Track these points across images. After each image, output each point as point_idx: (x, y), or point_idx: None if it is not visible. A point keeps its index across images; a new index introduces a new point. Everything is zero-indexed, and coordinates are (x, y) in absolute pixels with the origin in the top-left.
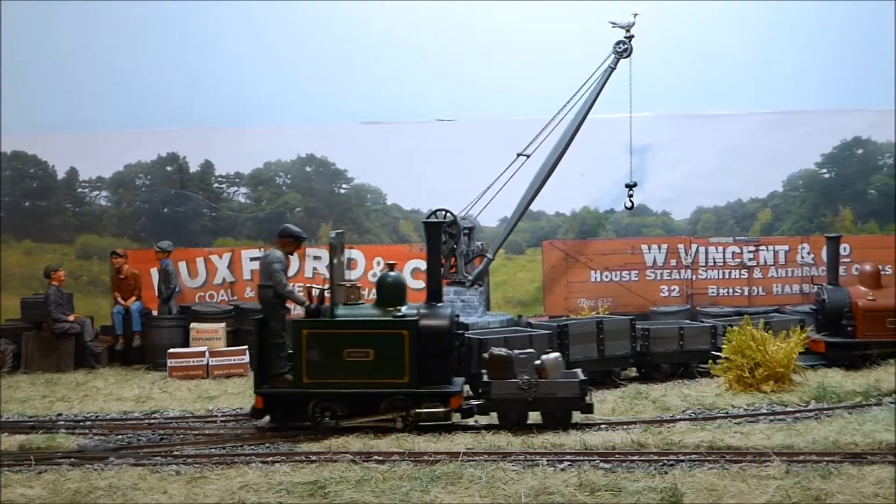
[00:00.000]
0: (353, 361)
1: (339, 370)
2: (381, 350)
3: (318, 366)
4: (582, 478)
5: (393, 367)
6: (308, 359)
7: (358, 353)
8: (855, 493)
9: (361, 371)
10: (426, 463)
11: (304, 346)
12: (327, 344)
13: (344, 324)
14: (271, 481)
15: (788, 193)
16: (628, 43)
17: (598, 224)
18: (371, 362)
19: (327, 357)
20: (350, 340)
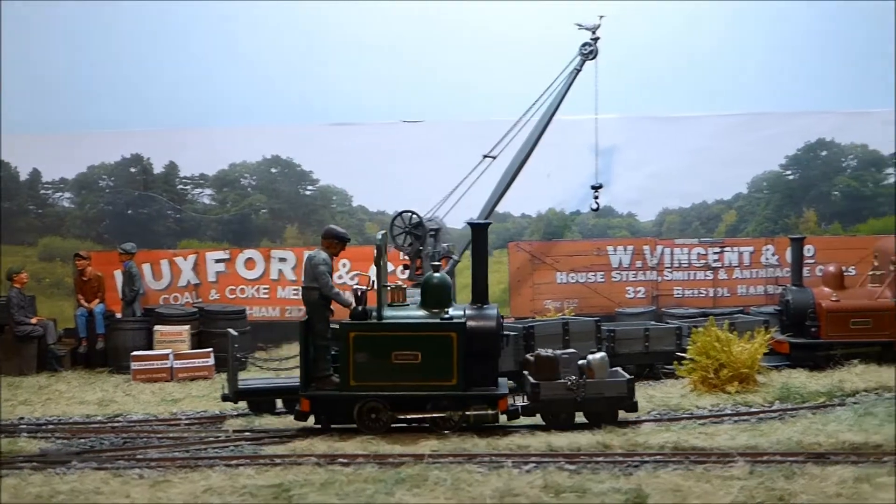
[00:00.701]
0: (400, 364)
1: (386, 373)
2: (429, 352)
3: (366, 368)
4: (547, 479)
5: (441, 369)
6: (355, 361)
7: (406, 356)
8: (818, 493)
9: (409, 373)
10: (391, 465)
11: (352, 348)
12: (375, 346)
13: (392, 326)
14: (235, 484)
15: (753, 195)
16: (594, 45)
17: (564, 225)
18: (419, 365)
19: (375, 359)
20: (398, 343)
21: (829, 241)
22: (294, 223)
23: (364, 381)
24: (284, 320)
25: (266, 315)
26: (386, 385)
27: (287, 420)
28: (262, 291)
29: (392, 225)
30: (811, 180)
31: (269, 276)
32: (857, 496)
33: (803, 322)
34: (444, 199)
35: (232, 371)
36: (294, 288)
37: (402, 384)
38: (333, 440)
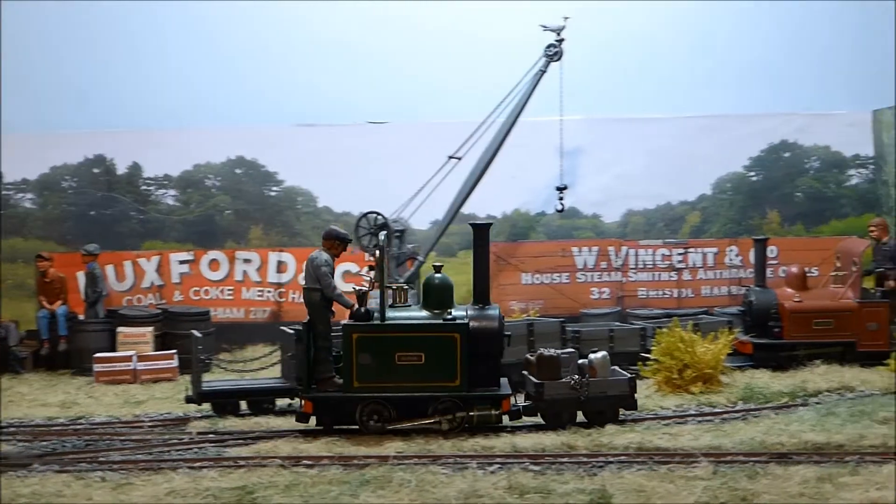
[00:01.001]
0: (404, 365)
1: (389, 374)
2: (432, 353)
3: (369, 369)
4: (511, 480)
5: (444, 370)
6: (358, 363)
7: (409, 357)
8: (781, 492)
9: (412, 375)
10: (356, 467)
11: (355, 349)
12: (378, 348)
13: (395, 327)
14: (198, 487)
15: (717, 196)
16: (559, 46)
17: (530, 227)
18: (422, 366)
19: (378, 361)
20: (401, 344)
21: (792, 242)
22: (259, 224)
23: (367, 382)
24: (249, 322)
25: (230, 316)
26: (389, 386)
27: (251, 422)
28: (226, 293)
29: (357, 226)
30: (774, 182)
31: (233, 278)
32: (819, 496)
33: (766, 323)
34: (409, 200)
35: (196, 373)
36: (258, 289)
37: (405, 385)
38: (298, 442)
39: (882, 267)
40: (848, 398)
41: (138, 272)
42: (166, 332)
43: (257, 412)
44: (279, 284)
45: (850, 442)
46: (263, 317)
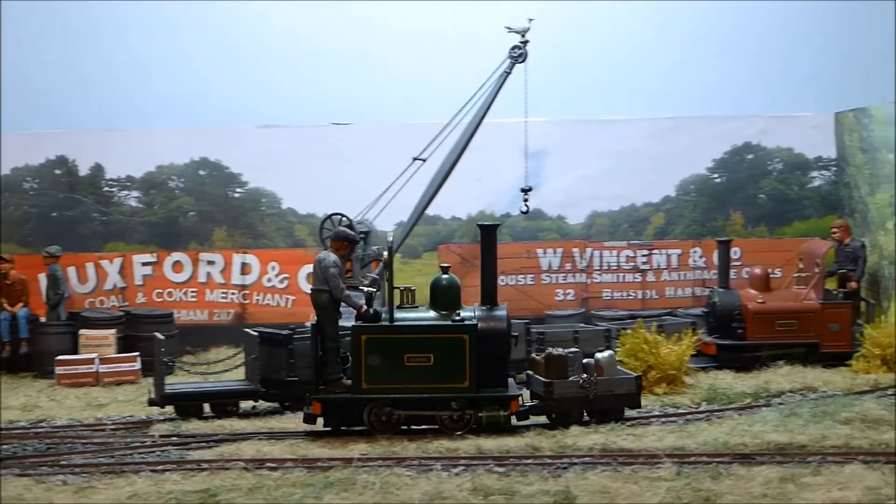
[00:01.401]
0: (413, 366)
1: (398, 375)
2: (441, 354)
3: (378, 371)
4: (476, 482)
5: (454, 371)
6: (367, 364)
7: (418, 358)
8: (744, 493)
9: (421, 376)
10: (320, 469)
11: (364, 351)
12: (387, 349)
13: (405, 328)
14: (161, 490)
15: (681, 198)
16: (523, 48)
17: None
18: (431, 367)
19: (387, 362)
20: (410, 345)
21: (756, 243)
22: (222, 226)
23: (376, 383)
24: (213, 324)
25: (194, 318)
26: (398, 387)
27: (214, 424)
28: (189, 295)
29: (321, 228)
30: (738, 183)
31: (197, 279)
32: (781, 496)
33: (730, 324)
34: (374, 201)
35: (159, 375)
36: (222, 291)
37: (414, 386)
38: (262, 444)
39: (844, 268)
40: (810, 399)
41: (101, 274)
42: (129, 335)
43: (221, 415)
44: (243, 286)
45: (812, 442)
46: (227, 319)
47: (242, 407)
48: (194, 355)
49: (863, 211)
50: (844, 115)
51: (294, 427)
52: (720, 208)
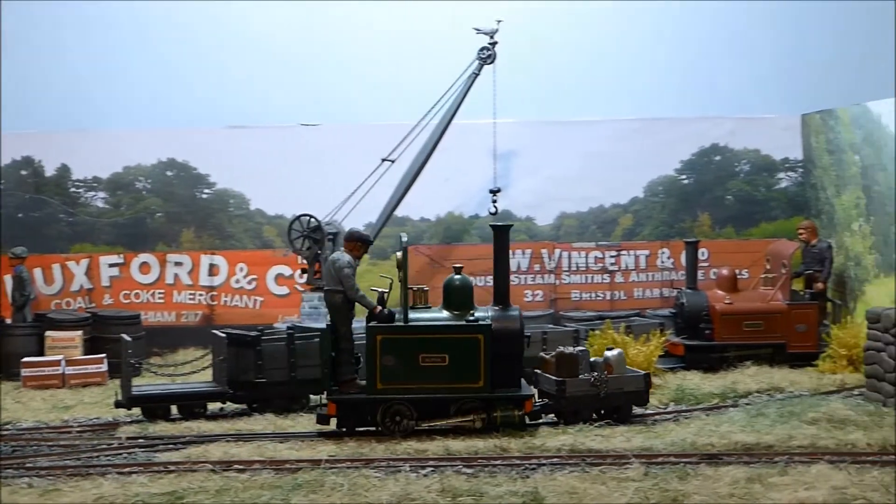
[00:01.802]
0: (428, 367)
1: (413, 375)
2: (456, 355)
3: (393, 371)
4: (444, 483)
5: (468, 371)
6: (382, 364)
7: (433, 359)
8: (711, 493)
9: (436, 376)
10: (288, 471)
11: (379, 351)
12: (402, 349)
13: (420, 329)
14: (128, 493)
15: (649, 199)
16: (492, 49)
17: (463, 229)
18: (446, 367)
19: (402, 362)
20: (425, 345)
21: (723, 244)
22: (190, 227)
23: (391, 383)
24: (180, 325)
25: (161, 320)
26: (413, 388)
27: (182, 426)
28: (157, 296)
29: (290, 229)
30: (705, 185)
31: (164, 281)
32: (748, 496)
33: (698, 324)
34: (342, 202)
35: (125, 377)
36: (190, 292)
37: (429, 387)
38: (229, 446)
39: (811, 269)
40: (777, 399)
41: (67, 275)
42: (96, 336)
43: (188, 417)
44: (211, 287)
45: (779, 442)
46: (195, 320)
47: (210, 409)
48: (161, 357)
49: (829, 212)
50: (811, 117)
51: (262, 429)
52: (688, 209)
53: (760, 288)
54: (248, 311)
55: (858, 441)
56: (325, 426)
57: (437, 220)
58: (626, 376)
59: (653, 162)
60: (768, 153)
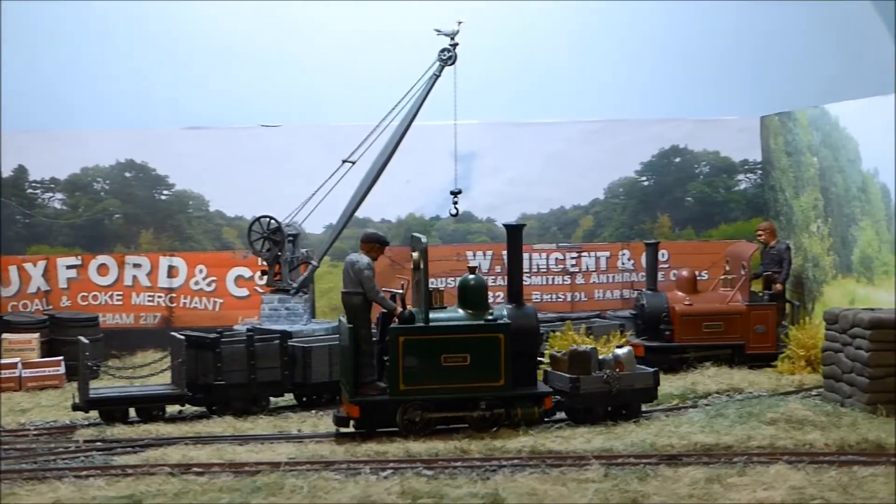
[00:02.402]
0: (449, 366)
1: (435, 376)
2: (477, 354)
3: (416, 372)
4: (405, 485)
5: (489, 370)
6: (405, 365)
7: (455, 358)
8: (671, 494)
9: (458, 376)
10: (247, 474)
11: (401, 352)
12: (425, 350)
13: (442, 329)
14: (85, 496)
15: (609, 201)
16: (453, 51)
17: (424, 231)
18: (467, 367)
19: (424, 363)
20: (447, 345)
21: (683, 245)
22: (149, 228)
23: (414, 384)
24: (139, 327)
25: (120, 322)
26: (435, 388)
27: (140, 429)
28: (115, 298)
29: (250, 230)
30: (665, 186)
31: (123, 283)
32: (708, 496)
33: (658, 326)
34: (302, 204)
35: (83, 380)
36: (148, 294)
37: (450, 386)
38: (188, 449)
39: (770, 270)
40: (736, 400)
41: (24, 277)
42: (53, 339)
43: (146, 419)
44: (170, 289)
45: (738, 443)
46: (154, 322)
47: (169, 411)
48: (120, 359)
49: (788, 214)
50: (770, 119)
51: (221, 431)
52: (648, 211)
53: (720, 289)
54: (208, 313)
55: (816, 441)
56: (344, 428)
57: (398, 221)
58: (636, 373)
59: (613, 163)
60: (727, 155)
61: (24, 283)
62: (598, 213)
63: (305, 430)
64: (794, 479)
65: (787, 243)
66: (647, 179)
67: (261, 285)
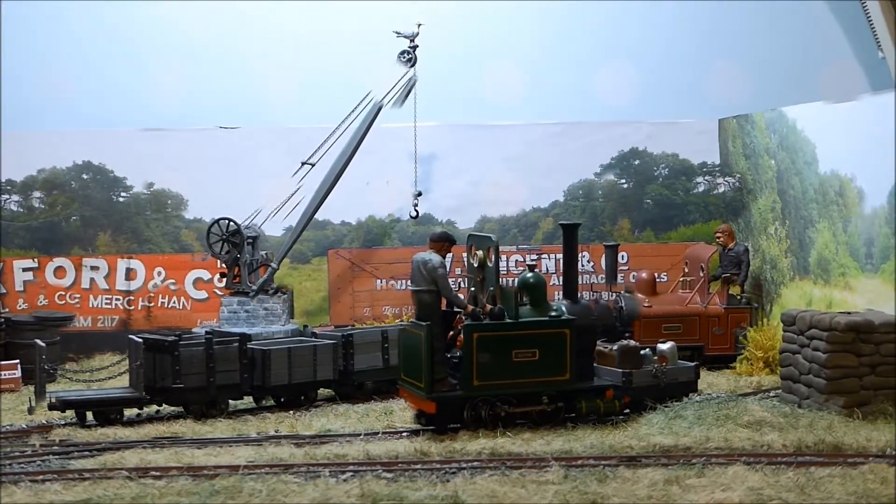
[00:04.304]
0: (519, 362)
1: (507, 371)
2: (545, 349)
3: (488, 368)
4: (364, 488)
5: (556, 365)
6: (479, 362)
7: (525, 354)
8: (630, 495)
9: (527, 371)
10: (205, 477)
11: (476, 349)
12: (497, 346)
13: (513, 326)
14: (41, 500)
15: (569, 203)
16: (412, 53)
17: (384, 233)
18: (536, 362)
19: (497, 359)
20: (518, 342)
21: (642, 248)
22: (107, 230)
23: (486, 380)
24: (97, 330)
25: (77, 325)
26: (507, 384)
27: (97, 433)
28: (73, 300)
29: (209, 232)
30: (625, 189)
31: (80, 285)
32: (666, 497)
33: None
34: (262, 206)
35: (39, 383)
36: (106, 297)
37: (521, 382)
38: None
39: (728, 272)
40: (695, 401)
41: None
42: (9, 342)
43: (104, 423)
44: (128, 292)
45: (696, 444)
46: (112, 325)
47: (126, 415)
48: (77, 362)
49: (746, 216)
50: (728, 122)
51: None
52: (608, 213)
53: (679, 291)
54: (167, 316)
55: (774, 442)
56: (423, 426)
57: (358, 223)
58: (680, 367)
59: (573, 166)
60: (686, 157)
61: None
62: (558, 216)
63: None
64: (751, 479)
65: (746, 245)
66: (607, 182)
67: (220, 288)
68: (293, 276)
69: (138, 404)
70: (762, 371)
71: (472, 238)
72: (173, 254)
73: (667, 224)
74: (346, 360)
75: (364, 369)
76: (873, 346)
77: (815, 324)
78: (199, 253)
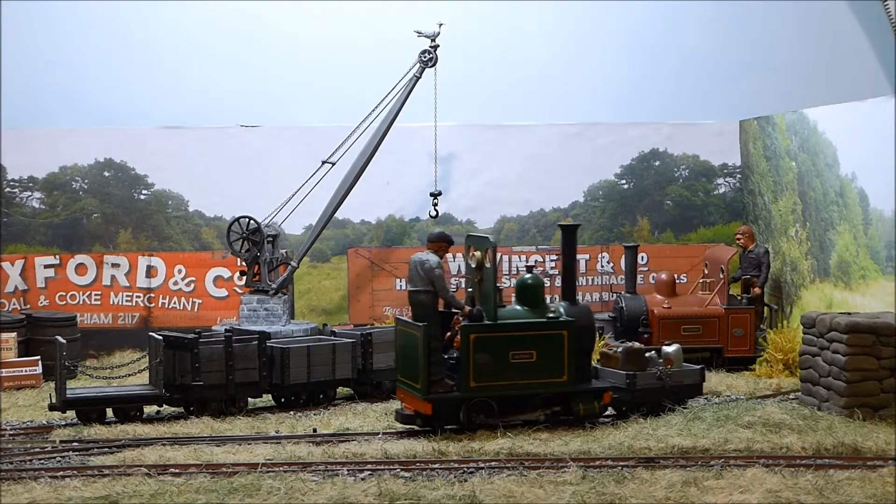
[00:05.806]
0: (517, 363)
1: (504, 372)
2: (543, 351)
3: (485, 369)
4: (382, 487)
5: (553, 366)
6: (476, 363)
7: (522, 355)
8: (647, 496)
9: (524, 372)
10: (224, 475)
11: (472, 350)
12: (494, 347)
13: (511, 326)
14: (61, 497)
15: (589, 203)
16: (433, 52)
17: (404, 232)
18: (534, 363)
19: (494, 360)
20: (516, 343)
21: (662, 249)
22: (128, 228)
23: (483, 381)
24: (117, 327)
25: (98, 322)
26: (504, 385)
27: (117, 429)
28: (93, 298)
29: (229, 231)
30: (645, 190)
31: (101, 282)
32: (684, 499)
33: (637, 328)
34: (282, 204)
35: (60, 380)
36: (127, 294)
37: (518, 383)
38: (165, 450)
39: (748, 274)
40: (714, 403)
41: (2, 277)
42: (30, 338)
43: (123, 420)
44: (149, 289)
45: (714, 446)
46: (132, 322)
47: (146, 412)
48: (97, 359)
49: (766, 218)
50: (749, 123)
51: (199, 432)
52: (627, 214)
53: (698, 292)
54: (187, 314)
55: (793, 445)
56: (411, 426)
57: (378, 223)
58: (685, 370)
59: (592, 166)
60: (707, 158)
61: (1, 283)
62: (577, 216)
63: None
64: (770, 482)
65: (766, 247)
66: (627, 182)
67: (240, 286)
68: (312, 275)
69: (158, 401)
70: (782, 373)
71: (470, 238)
72: (194, 252)
73: (687, 225)
74: (364, 359)
75: (383, 368)
76: (893, 350)
77: (834, 326)
78: (220, 251)
